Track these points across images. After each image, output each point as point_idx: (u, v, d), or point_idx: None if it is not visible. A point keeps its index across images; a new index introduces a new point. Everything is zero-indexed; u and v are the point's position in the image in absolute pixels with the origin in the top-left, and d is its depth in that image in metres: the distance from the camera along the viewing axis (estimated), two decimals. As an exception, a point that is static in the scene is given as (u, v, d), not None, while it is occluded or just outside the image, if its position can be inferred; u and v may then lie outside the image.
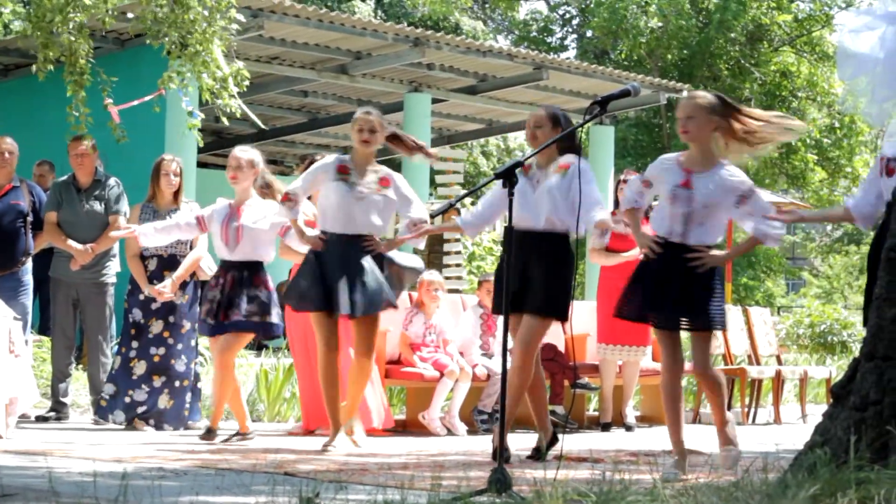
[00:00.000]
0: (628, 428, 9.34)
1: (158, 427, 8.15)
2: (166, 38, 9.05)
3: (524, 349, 6.58)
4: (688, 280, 5.87)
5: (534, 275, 6.54)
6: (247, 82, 9.51)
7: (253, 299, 7.42)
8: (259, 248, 7.52)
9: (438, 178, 11.75)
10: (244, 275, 7.46)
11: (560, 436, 6.88)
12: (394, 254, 7.13)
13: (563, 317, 6.44)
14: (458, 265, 12.39)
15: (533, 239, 6.57)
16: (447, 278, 12.36)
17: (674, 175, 5.94)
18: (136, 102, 10.99)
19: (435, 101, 17.68)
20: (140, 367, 8.25)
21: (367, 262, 6.90)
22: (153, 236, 7.71)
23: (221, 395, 7.59)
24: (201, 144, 9.93)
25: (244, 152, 7.63)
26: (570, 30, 36.47)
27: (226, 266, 7.53)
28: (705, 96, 6.01)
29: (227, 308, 7.41)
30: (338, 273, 6.84)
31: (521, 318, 6.59)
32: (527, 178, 6.61)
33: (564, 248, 6.64)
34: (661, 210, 5.98)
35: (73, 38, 8.89)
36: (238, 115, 9.72)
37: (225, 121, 9.76)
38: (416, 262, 7.38)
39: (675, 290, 5.88)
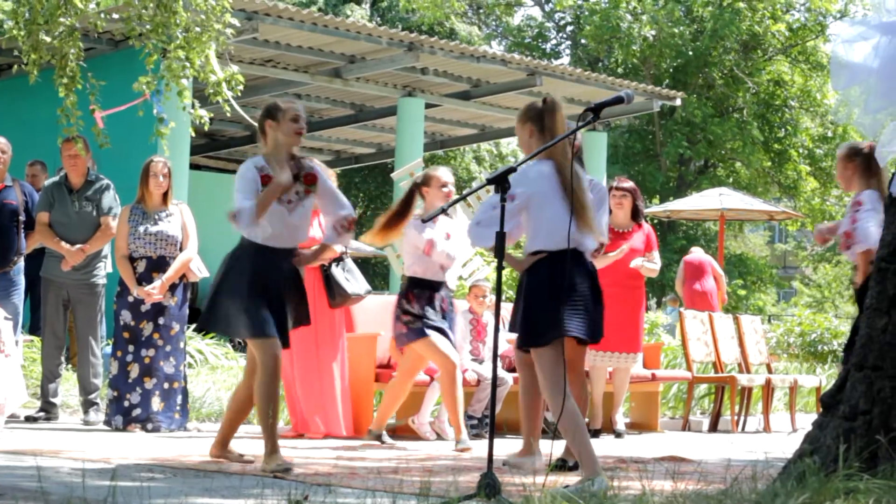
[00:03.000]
0: (618, 434, 9.34)
1: (154, 429, 8.13)
2: (150, 42, 8.99)
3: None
4: None
5: None
6: (241, 87, 9.49)
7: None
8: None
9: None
10: None
11: (550, 442, 6.86)
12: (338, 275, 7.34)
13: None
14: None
15: None
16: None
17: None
18: (121, 108, 10.96)
19: (428, 105, 17.71)
20: (134, 371, 8.24)
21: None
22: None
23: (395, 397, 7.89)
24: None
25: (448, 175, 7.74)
26: (565, 36, 36.53)
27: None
28: None
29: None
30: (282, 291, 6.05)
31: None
32: None
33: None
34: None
35: (63, 41, 8.85)
36: (206, 129, 9.69)
37: (192, 131, 9.75)
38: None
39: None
